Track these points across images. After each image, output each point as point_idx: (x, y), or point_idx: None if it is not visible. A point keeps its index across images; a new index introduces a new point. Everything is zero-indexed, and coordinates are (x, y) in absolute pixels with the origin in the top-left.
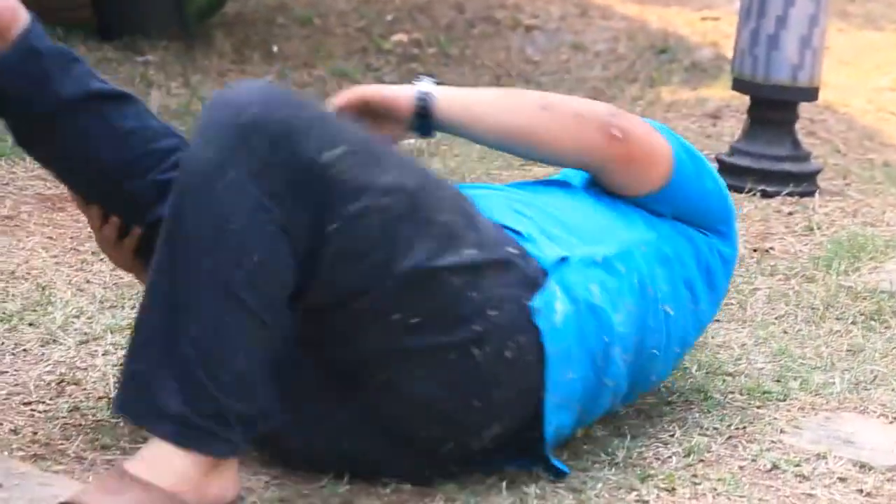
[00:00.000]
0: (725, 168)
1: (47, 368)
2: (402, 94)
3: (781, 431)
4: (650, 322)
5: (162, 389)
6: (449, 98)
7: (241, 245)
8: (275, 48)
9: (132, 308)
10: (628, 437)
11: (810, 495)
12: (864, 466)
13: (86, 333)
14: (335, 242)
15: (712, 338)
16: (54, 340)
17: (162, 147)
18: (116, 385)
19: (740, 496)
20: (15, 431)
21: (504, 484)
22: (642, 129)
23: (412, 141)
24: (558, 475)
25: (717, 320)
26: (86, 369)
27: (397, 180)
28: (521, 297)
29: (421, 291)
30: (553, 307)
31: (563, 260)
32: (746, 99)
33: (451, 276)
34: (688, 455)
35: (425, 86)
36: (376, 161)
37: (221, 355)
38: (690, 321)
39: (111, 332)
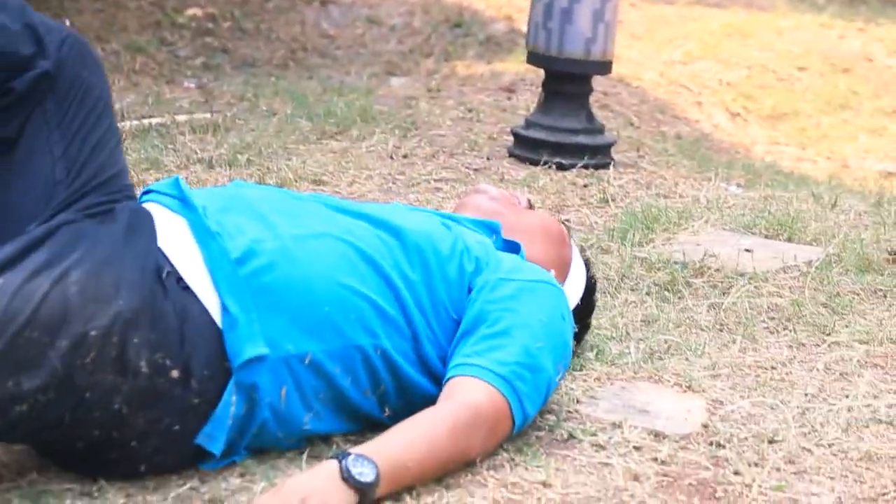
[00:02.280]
0: (521, 141)
1: None
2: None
3: (577, 401)
4: (365, 406)
5: None
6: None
7: None
8: (67, 22)
9: None
10: None
11: (606, 464)
12: (658, 435)
13: None
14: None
15: None
16: None
17: None
18: None
19: (537, 466)
20: None
21: (304, 456)
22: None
23: (207, 115)
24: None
25: None
26: None
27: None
28: (173, 425)
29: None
30: (224, 423)
31: (260, 359)
32: (541, 72)
33: (96, 427)
34: None
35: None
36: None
37: None
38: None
39: None
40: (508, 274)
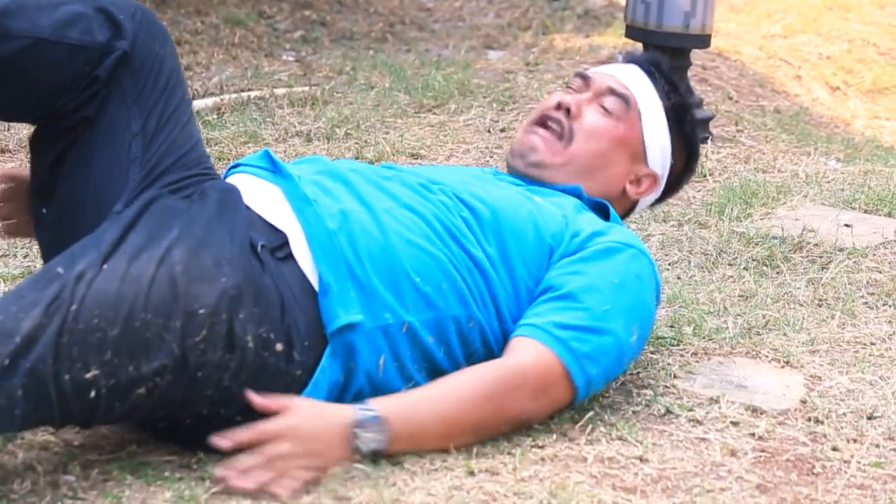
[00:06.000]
0: None
1: None
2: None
3: (675, 376)
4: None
5: None
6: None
7: None
8: None
9: (24, 257)
10: None
11: (703, 439)
12: (755, 410)
13: None
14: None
15: None
16: None
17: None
18: None
19: (635, 441)
20: None
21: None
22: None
23: (306, 89)
24: None
25: None
26: None
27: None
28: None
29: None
30: (321, 389)
31: (354, 326)
32: (639, 46)
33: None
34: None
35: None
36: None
37: None
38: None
39: (3, 281)
40: (585, 242)
